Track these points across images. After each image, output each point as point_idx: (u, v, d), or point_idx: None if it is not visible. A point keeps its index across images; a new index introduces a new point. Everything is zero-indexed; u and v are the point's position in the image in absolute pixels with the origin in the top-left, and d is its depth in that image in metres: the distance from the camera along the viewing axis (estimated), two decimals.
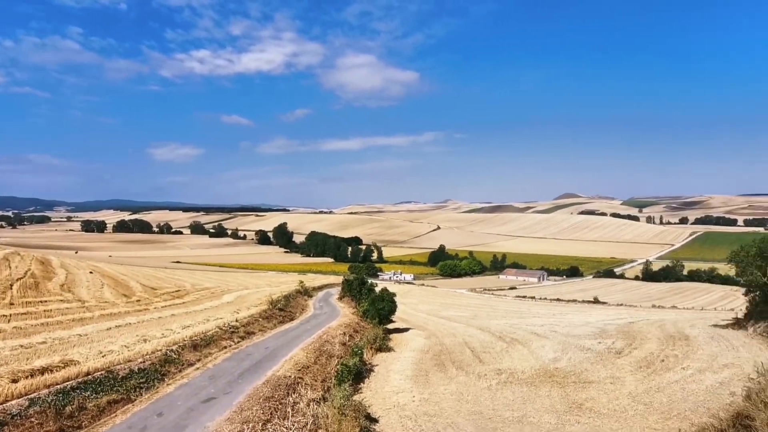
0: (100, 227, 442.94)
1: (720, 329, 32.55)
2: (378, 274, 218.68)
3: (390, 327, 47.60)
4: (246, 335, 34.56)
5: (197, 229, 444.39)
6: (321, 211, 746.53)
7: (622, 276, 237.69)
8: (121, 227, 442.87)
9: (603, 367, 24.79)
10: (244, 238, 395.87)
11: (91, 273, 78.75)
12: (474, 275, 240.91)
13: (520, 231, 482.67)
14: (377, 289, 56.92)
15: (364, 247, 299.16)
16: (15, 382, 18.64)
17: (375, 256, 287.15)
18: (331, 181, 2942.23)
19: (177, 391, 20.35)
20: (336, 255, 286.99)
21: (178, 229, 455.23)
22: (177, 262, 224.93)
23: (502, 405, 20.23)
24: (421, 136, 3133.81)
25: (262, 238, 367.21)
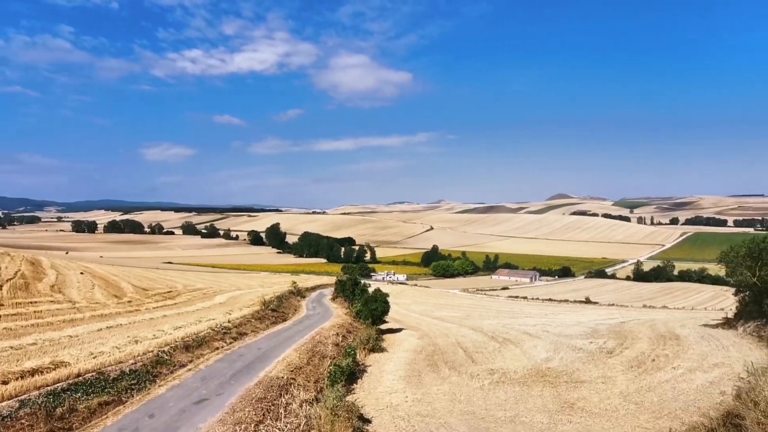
0: (90, 228, 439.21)
1: (710, 329, 32.85)
2: (371, 274, 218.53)
3: (383, 327, 47.61)
4: (238, 336, 34.43)
5: (189, 230, 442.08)
6: (314, 212, 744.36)
7: (613, 276, 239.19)
8: (113, 228, 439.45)
9: (595, 367, 24.94)
10: (236, 238, 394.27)
11: (82, 274, 78.14)
12: (467, 275, 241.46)
13: (512, 231, 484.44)
14: (370, 290, 56.88)
15: (357, 248, 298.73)
16: (5, 383, 18.48)
17: (368, 256, 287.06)
18: (324, 182, 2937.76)
19: (169, 393, 20.25)
20: (329, 255, 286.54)
21: (169, 230, 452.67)
22: (169, 262, 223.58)
23: (494, 405, 20.30)
24: (415, 136, 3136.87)
25: (254, 238, 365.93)
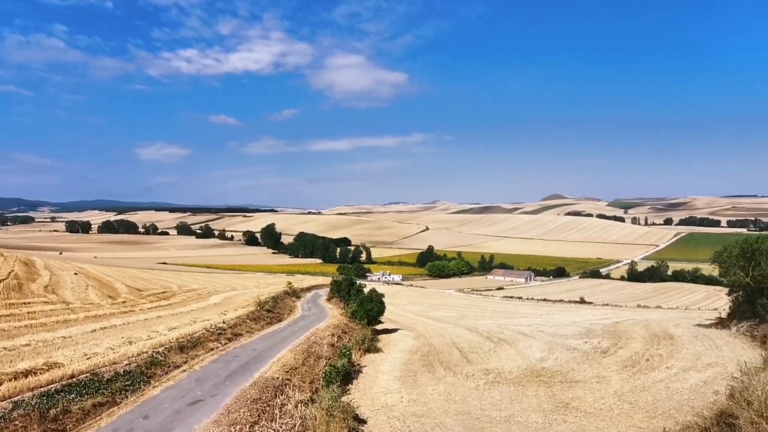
0: (84, 228, 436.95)
1: (704, 329, 33.01)
2: (367, 275, 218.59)
3: (378, 328, 47.60)
4: (233, 337, 34.32)
5: (184, 230, 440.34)
6: (309, 212, 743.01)
7: (607, 276, 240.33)
8: (107, 228, 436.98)
9: (589, 367, 25.02)
10: (231, 239, 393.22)
11: (76, 274, 77.73)
12: (462, 276, 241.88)
13: (507, 232, 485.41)
14: (366, 290, 56.91)
15: (352, 248, 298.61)
16: None
17: (364, 257, 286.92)
18: (320, 182, 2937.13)
19: (163, 394, 20.16)
20: (324, 256, 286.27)
21: (164, 230, 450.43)
22: (163, 263, 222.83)
23: (489, 405, 20.34)
24: (410, 137, 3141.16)
25: (249, 238, 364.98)
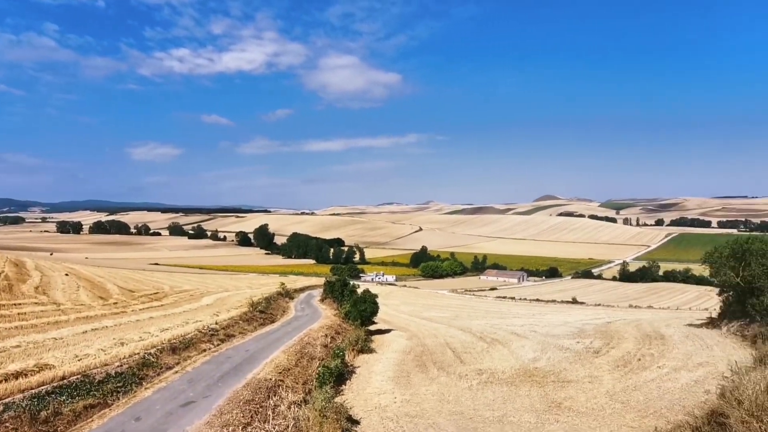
0: (76, 228, 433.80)
1: (695, 328, 33.25)
2: (360, 275, 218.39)
3: (372, 328, 47.57)
4: (226, 338, 34.18)
5: (176, 231, 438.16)
6: (303, 213, 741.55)
7: (599, 276, 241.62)
8: (98, 228, 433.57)
9: (581, 367, 25.13)
10: (224, 239, 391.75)
11: (67, 275, 77.06)
12: (455, 276, 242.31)
13: (500, 232, 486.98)
14: (359, 291, 56.79)
15: (346, 249, 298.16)
16: None
17: (357, 257, 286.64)
18: (313, 182, 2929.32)
19: (155, 395, 20.04)
20: (318, 256, 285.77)
21: (156, 231, 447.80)
22: (155, 264, 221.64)
23: (482, 405, 20.38)
24: (404, 137, 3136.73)
25: (242, 239, 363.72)
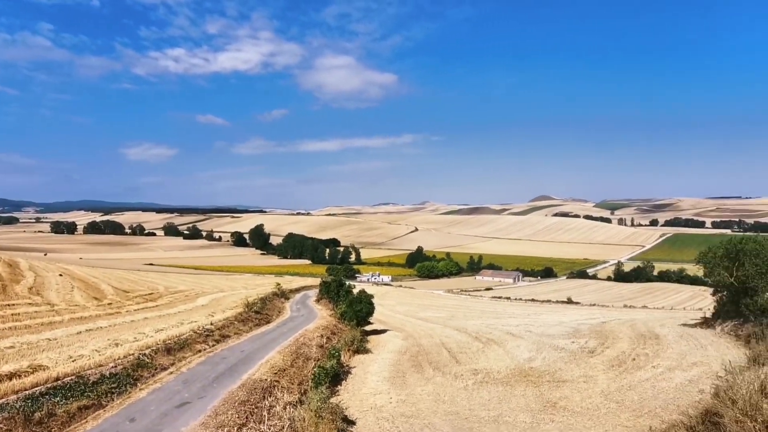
0: (70, 228, 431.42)
1: (689, 328, 33.40)
2: (356, 275, 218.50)
3: (368, 329, 47.53)
4: (221, 338, 34.07)
5: (171, 231, 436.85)
6: (298, 213, 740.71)
7: (594, 277, 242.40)
8: (92, 229, 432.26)
9: (576, 366, 25.20)
10: (219, 239, 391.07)
11: (61, 275, 76.67)
12: (451, 276, 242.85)
13: (496, 232, 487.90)
14: (355, 291, 56.75)
15: (342, 249, 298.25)
16: None
17: (353, 257, 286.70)
18: (309, 183, 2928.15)
19: (150, 396, 19.96)
20: (314, 257, 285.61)
21: (151, 231, 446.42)
22: (150, 264, 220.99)
23: (478, 405, 20.41)
24: (400, 138, 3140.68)
25: (238, 239, 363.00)
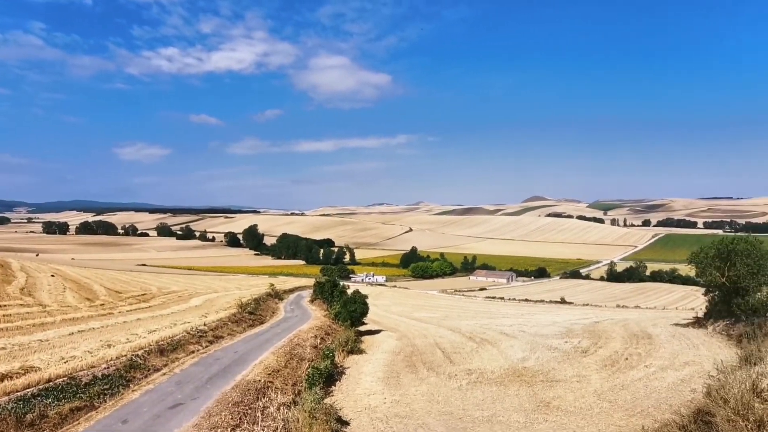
0: (62, 229, 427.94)
1: (681, 328, 33.66)
2: (350, 276, 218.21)
3: (362, 329, 47.54)
4: (214, 339, 33.95)
5: (164, 231, 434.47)
6: (293, 213, 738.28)
7: (587, 277, 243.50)
8: (85, 229, 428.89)
9: (570, 366, 25.32)
10: (212, 240, 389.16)
11: (53, 276, 76.10)
12: (445, 276, 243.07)
13: (489, 233, 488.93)
14: (349, 292, 56.78)
15: (336, 249, 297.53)
16: None
17: (347, 258, 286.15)
18: (303, 183, 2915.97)
19: (143, 398, 19.87)
20: (308, 257, 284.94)
21: (144, 231, 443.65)
22: (143, 264, 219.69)
23: (472, 405, 20.45)
24: (394, 138, 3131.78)
25: (231, 240, 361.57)
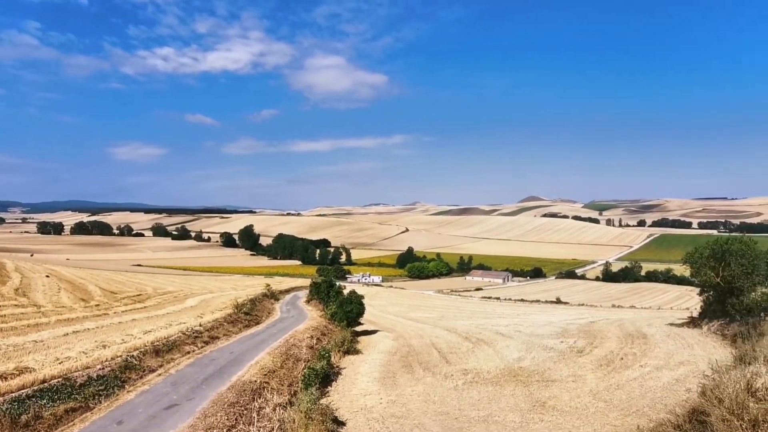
0: (57, 229, 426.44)
1: (676, 328, 33.81)
2: (346, 276, 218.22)
3: (358, 329, 47.51)
4: (210, 340, 33.86)
5: (159, 231, 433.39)
6: (289, 213, 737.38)
7: (583, 277, 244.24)
8: (80, 229, 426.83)
9: (565, 366, 25.39)
10: (208, 240, 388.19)
11: (48, 277, 75.77)
12: (441, 277, 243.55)
13: (485, 233, 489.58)
14: (345, 292, 56.71)
15: (332, 250, 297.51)
16: None
17: (343, 258, 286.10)
18: (299, 183, 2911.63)
19: (138, 398, 19.81)
20: (304, 257, 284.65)
21: (139, 231, 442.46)
22: (138, 265, 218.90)
23: (468, 405, 20.48)
24: (391, 138, 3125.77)
25: (227, 240, 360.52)
